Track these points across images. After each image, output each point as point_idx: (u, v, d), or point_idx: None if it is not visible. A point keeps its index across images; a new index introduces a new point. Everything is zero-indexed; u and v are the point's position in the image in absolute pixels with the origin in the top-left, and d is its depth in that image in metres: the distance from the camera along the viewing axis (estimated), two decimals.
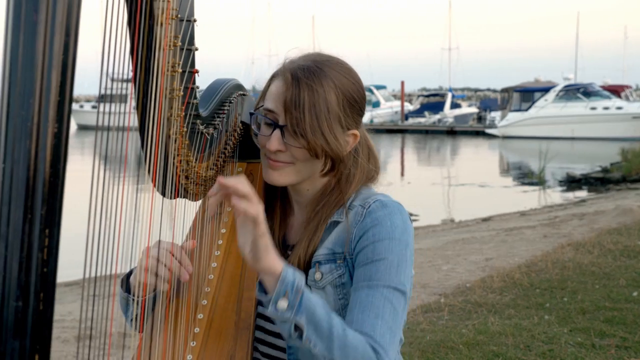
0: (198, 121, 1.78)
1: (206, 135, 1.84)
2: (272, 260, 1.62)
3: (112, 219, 1.40)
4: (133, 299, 1.85)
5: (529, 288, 7.03)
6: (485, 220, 15.34)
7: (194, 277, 1.87)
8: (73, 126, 48.75)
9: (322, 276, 1.83)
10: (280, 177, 1.86)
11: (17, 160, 1.08)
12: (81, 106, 51.47)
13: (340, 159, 1.84)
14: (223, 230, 1.99)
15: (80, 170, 1.48)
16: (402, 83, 58.06)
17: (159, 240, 1.76)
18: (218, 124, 1.90)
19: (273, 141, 1.82)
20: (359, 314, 1.72)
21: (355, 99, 1.86)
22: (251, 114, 1.92)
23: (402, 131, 51.57)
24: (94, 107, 50.41)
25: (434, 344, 5.33)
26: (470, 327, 5.76)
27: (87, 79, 1.59)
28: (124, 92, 1.49)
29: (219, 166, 1.97)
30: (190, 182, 1.82)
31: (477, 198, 20.04)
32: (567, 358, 4.97)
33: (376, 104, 56.73)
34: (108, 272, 1.45)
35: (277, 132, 1.82)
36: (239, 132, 2.06)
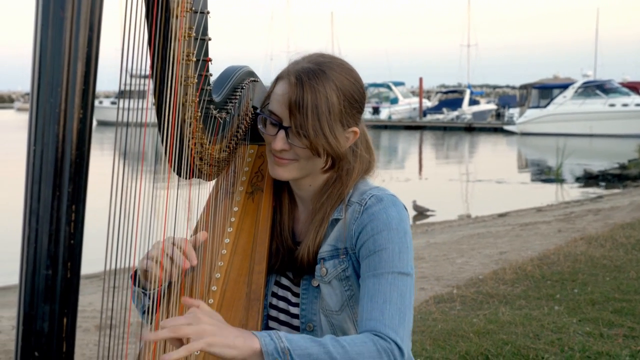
0: (211, 106, 1.90)
1: (219, 120, 1.96)
2: (246, 347, 1.65)
3: (131, 212, 1.51)
4: (144, 293, 1.96)
5: (540, 280, 7.13)
6: (501, 215, 15.40)
7: (208, 253, 2.01)
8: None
9: (327, 272, 1.95)
10: (285, 172, 1.99)
11: (47, 143, 1.20)
12: (100, 102, 51.22)
13: (340, 157, 1.95)
14: (235, 209, 2.12)
15: (100, 166, 1.58)
16: (421, 80, 58.06)
17: (171, 237, 1.87)
18: (230, 109, 2.02)
19: (278, 141, 1.94)
20: (368, 302, 1.83)
21: (355, 98, 1.97)
22: (257, 114, 2.05)
23: (420, 128, 51.52)
24: (113, 103, 50.44)
25: (445, 333, 5.44)
26: (481, 316, 5.87)
27: (106, 76, 1.70)
28: (143, 88, 1.61)
29: (232, 148, 2.10)
30: (204, 163, 1.95)
31: (494, 194, 20.09)
32: (575, 346, 5.06)
33: (394, 101, 56.70)
34: (128, 265, 1.56)
35: (282, 132, 1.94)
36: (251, 117, 2.18)
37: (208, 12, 1.75)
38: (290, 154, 1.95)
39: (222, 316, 1.75)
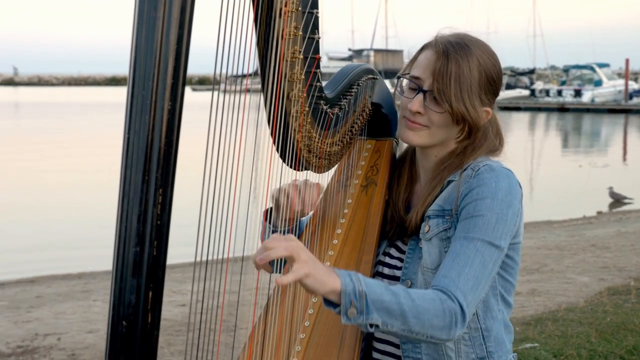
0: (321, 102, 1.99)
1: (330, 115, 2.04)
2: (328, 282, 1.70)
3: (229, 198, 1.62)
4: (274, 230, 2.11)
5: None
6: None
7: (317, 242, 2.10)
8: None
9: (429, 229, 1.99)
10: (415, 137, 2.04)
11: (138, 132, 1.32)
12: None
13: (477, 128, 2.01)
14: (349, 201, 2.20)
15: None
16: (627, 61, 55.64)
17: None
18: (344, 105, 2.10)
19: (415, 103, 2.00)
20: (451, 260, 1.86)
21: (494, 78, 2.02)
22: (397, 77, 2.11)
23: (625, 111, 49.41)
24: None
25: (614, 326, 5.28)
26: None
27: None
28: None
29: (345, 143, 2.18)
30: (313, 156, 2.04)
31: None
32: None
33: (598, 83, 54.64)
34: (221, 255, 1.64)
35: (420, 95, 2.00)
36: (368, 113, 2.26)
37: (317, 11, 1.82)
38: (424, 119, 2.01)
39: None
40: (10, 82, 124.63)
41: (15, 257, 11.44)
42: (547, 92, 57.87)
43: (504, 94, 58.46)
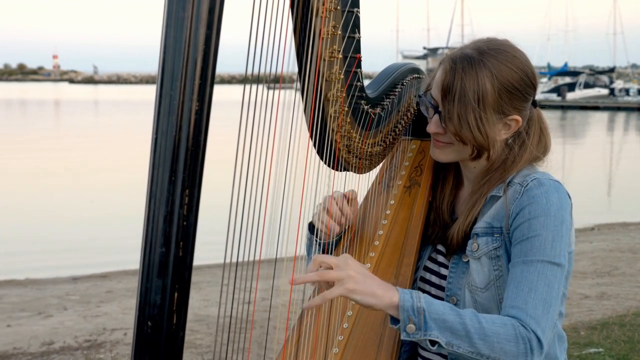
0: (362, 102, 1.96)
1: (372, 115, 2.01)
2: (385, 298, 1.73)
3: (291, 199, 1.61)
4: (316, 241, 2.12)
5: None
6: None
7: (357, 244, 2.08)
8: None
9: (478, 247, 1.95)
10: (441, 155, 2.02)
11: (165, 132, 1.32)
12: None
13: (484, 148, 1.94)
14: (392, 202, 2.17)
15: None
16: None
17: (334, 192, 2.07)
18: (387, 105, 2.07)
19: (432, 124, 1.99)
20: (514, 289, 1.82)
21: (516, 86, 1.94)
22: (419, 96, 2.08)
23: None
24: None
25: None
26: None
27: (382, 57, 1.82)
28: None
29: (387, 143, 2.15)
30: (353, 156, 2.02)
31: None
32: None
33: None
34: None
35: (436, 116, 1.97)
36: (413, 112, 2.23)
37: (357, 10, 1.80)
38: (446, 138, 1.98)
39: None
40: (90, 80, 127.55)
41: (89, 252, 11.67)
42: (627, 91, 56.78)
43: (582, 93, 57.47)
